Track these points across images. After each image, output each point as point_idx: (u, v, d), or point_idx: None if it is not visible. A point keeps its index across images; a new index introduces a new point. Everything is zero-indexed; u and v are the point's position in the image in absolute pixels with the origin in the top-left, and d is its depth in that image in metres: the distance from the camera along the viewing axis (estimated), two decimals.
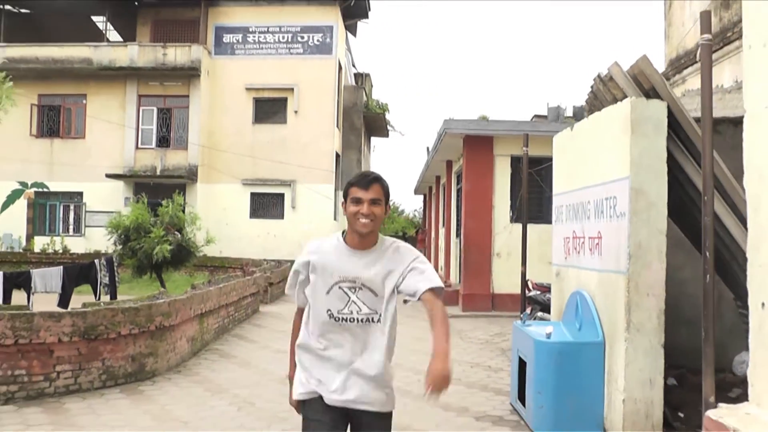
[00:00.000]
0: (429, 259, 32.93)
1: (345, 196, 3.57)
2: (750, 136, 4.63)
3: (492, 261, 17.12)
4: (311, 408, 3.54)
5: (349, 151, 37.11)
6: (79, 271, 14.25)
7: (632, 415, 6.27)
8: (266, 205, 33.20)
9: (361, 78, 42.31)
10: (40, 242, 31.74)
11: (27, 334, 7.85)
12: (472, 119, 18.46)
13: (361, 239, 3.54)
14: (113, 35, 36.53)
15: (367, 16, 37.74)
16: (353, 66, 42.82)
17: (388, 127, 41.82)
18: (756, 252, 4.48)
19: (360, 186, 3.52)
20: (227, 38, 33.50)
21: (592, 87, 7.55)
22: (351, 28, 38.58)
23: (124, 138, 32.52)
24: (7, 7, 34.04)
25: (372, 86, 44.70)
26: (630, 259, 6.30)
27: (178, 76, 32.27)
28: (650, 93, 6.57)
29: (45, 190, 33.29)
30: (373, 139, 46.12)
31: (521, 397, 7.46)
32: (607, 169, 6.89)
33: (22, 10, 34.29)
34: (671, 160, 6.51)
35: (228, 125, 32.93)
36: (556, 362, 6.79)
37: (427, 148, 30.31)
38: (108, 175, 32.01)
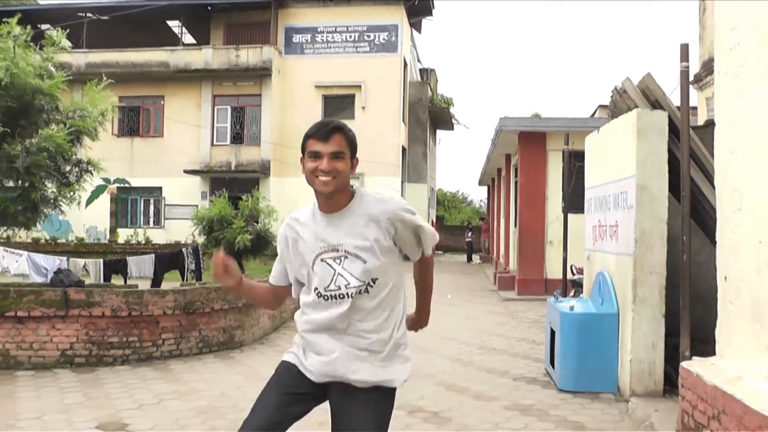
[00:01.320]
0: (492, 248, 34.21)
1: (303, 150, 3.10)
2: (718, 143, 5.90)
3: (545, 248, 18.34)
4: (284, 368, 3.29)
5: (415, 144, 38.53)
6: (168, 258, 15.98)
7: (638, 373, 7.54)
8: None
9: (426, 73, 43.63)
10: (123, 234, 33.85)
11: (138, 307, 9.52)
12: (526, 117, 19.68)
13: (328, 201, 3.10)
14: (188, 38, 38.53)
15: (431, 14, 39.02)
16: (418, 61, 44.14)
17: (453, 121, 43.07)
18: (721, 236, 5.74)
19: (318, 137, 3.05)
20: (297, 38, 35.16)
21: (611, 96, 8.82)
22: (416, 26, 39.90)
23: (200, 136, 34.47)
24: (89, 15, 36.17)
25: (437, 81, 45.96)
26: (636, 244, 7.58)
27: (250, 76, 34.07)
28: (655, 104, 7.82)
29: (127, 185, 35.47)
30: (438, 131, 47.36)
31: (552, 361, 8.79)
32: (621, 168, 8.16)
33: (102, 17, 36.44)
34: (674, 159, 7.75)
35: (298, 122, 34.51)
36: (578, 331, 8.12)
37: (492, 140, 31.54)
38: (186, 171, 34.01)
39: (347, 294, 3.09)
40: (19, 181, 10.70)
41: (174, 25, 38.13)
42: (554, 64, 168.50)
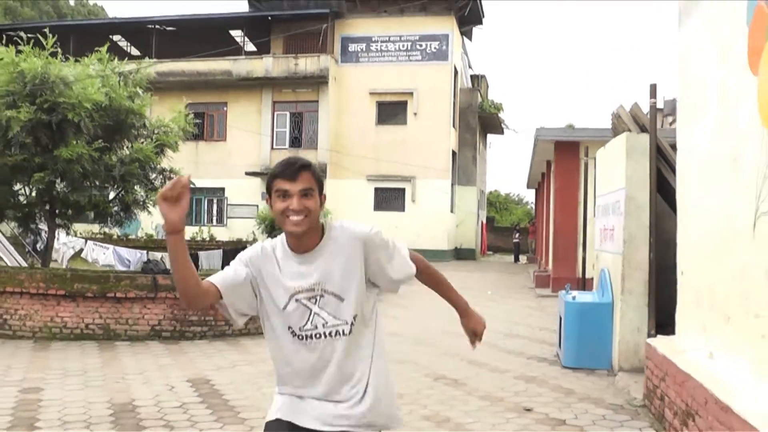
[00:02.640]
0: (538, 249, 35.63)
1: (269, 191, 2.98)
2: (678, 164, 7.48)
3: (577, 250, 19.82)
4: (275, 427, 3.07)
5: (465, 148, 40.16)
6: (234, 253, 17.88)
7: (625, 352, 9.13)
8: (388, 199, 36.58)
9: (477, 80, 45.20)
10: (189, 231, 35.96)
11: None
12: (560, 127, 21.17)
13: (300, 240, 2.96)
14: (249, 46, 40.65)
15: (481, 23, 40.63)
16: (470, 68, 45.73)
17: (503, 126, 44.55)
18: (680, 238, 7.32)
19: (285, 176, 2.90)
20: (352, 47, 37.04)
21: (611, 120, 10.40)
22: (467, 34, 41.52)
23: (260, 140, 36.58)
24: (157, 26, 38.51)
25: (488, 86, 47.50)
26: (624, 244, 9.16)
27: (308, 83, 36.06)
28: (643, 128, 9.39)
29: (192, 186, 37.52)
30: (489, 135, 48.82)
31: (560, 344, 10.40)
32: (616, 181, 9.74)
33: (168, 28, 38.68)
34: (660, 173, 9.30)
35: (353, 126, 36.48)
36: (578, 317, 9.74)
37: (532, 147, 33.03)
38: (247, 173, 36.12)
39: (324, 333, 2.97)
40: (115, 187, 12.72)
41: (237, 34, 40.26)
42: (604, 65, 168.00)
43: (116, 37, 42.92)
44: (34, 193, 13.04)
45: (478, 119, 41.31)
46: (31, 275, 11.57)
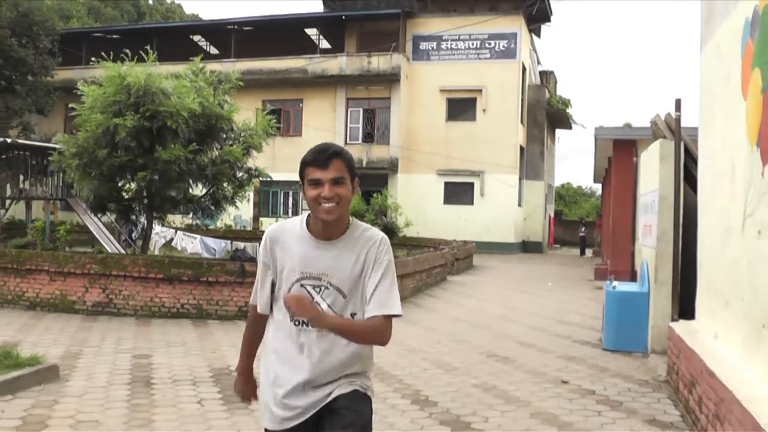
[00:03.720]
0: (603, 242, 36.39)
1: (301, 177, 2.99)
2: (699, 171, 8.57)
3: (631, 244, 20.72)
4: None
5: (533, 143, 41.07)
6: None
7: (657, 336, 10.23)
8: (458, 192, 37.75)
9: (546, 76, 45.97)
10: (266, 222, 37.77)
11: None
12: (618, 126, 22.01)
13: (326, 228, 3.00)
14: (323, 44, 42.17)
15: (549, 20, 41.38)
16: (538, 64, 46.50)
17: (570, 121, 45.25)
18: (700, 234, 8.42)
19: (317, 164, 2.92)
20: (423, 46, 38.27)
21: (651, 126, 11.47)
22: (535, 31, 42.36)
23: (334, 135, 38.02)
24: (236, 27, 40.31)
25: (556, 82, 48.20)
26: (657, 240, 10.26)
27: (380, 81, 37.40)
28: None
29: (269, 179, 39.40)
30: (558, 130, 49.52)
31: (602, 329, 11.54)
32: (653, 182, 10.83)
33: (246, 28, 40.43)
34: (693, 176, 10.35)
35: (424, 122, 37.74)
36: (617, 304, 10.87)
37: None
38: None
39: None
40: (207, 184, 14.30)
41: (312, 33, 41.81)
42: (673, 59, 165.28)
43: (196, 38, 45.05)
44: (134, 189, 14.71)
45: (546, 115, 42.14)
46: (134, 261, 13.21)
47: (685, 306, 9.55)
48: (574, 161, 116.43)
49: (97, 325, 12.04)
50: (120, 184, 14.95)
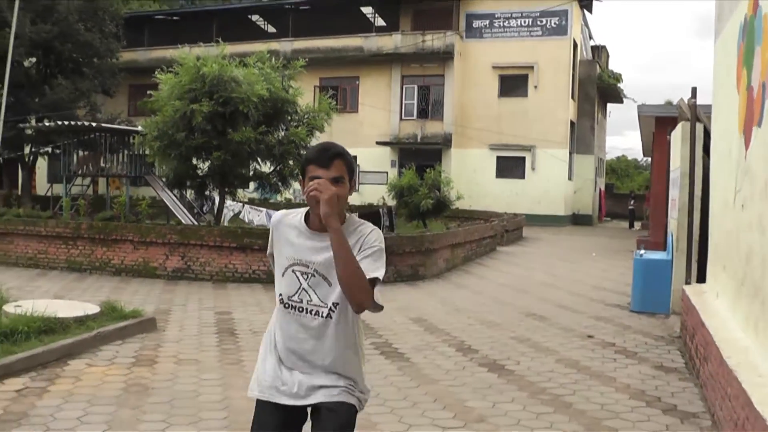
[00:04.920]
0: (650, 216, 37.15)
1: (302, 174, 3.10)
2: (711, 151, 9.69)
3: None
4: (262, 408, 3.27)
5: (583, 118, 41.85)
6: (369, 216, 20.75)
7: (677, 299, 11.40)
8: (509, 167, 38.77)
9: (597, 51, 46.57)
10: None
11: None
12: (659, 104, 23.00)
13: (321, 222, 3.03)
14: (378, 21, 43.21)
15: None
16: (590, 38, 47.06)
17: (622, 95, 45.80)
18: (711, 207, 9.57)
19: (319, 164, 3.02)
20: (476, 24, 39.20)
21: (677, 108, 12.56)
22: (587, 7, 42.88)
23: (390, 111, 39.31)
24: (292, 6, 41.59)
25: (608, 56, 48.76)
26: (678, 212, 11.41)
27: (435, 58, 38.47)
28: (698, 117, 11.56)
29: None
30: (609, 105, 50.04)
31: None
32: (678, 160, 11.95)
33: (303, 7, 41.70)
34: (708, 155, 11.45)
35: (477, 98, 38.77)
36: (643, 271, 12.06)
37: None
38: (377, 143, 38.98)
39: (307, 310, 3.15)
40: (274, 162, 15.80)
41: (367, 11, 42.95)
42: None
43: (254, 17, 46.53)
44: (208, 168, 16.28)
45: (597, 89, 42.82)
46: (210, 231, 14.77)
47: (704, 272, 10.74)
48: (631, 135, 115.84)
49: (178, 288, 13.63)
50: (195, 163, 16.51)
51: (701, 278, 10.32)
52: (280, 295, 3.21)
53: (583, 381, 7.60)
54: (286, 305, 3.19)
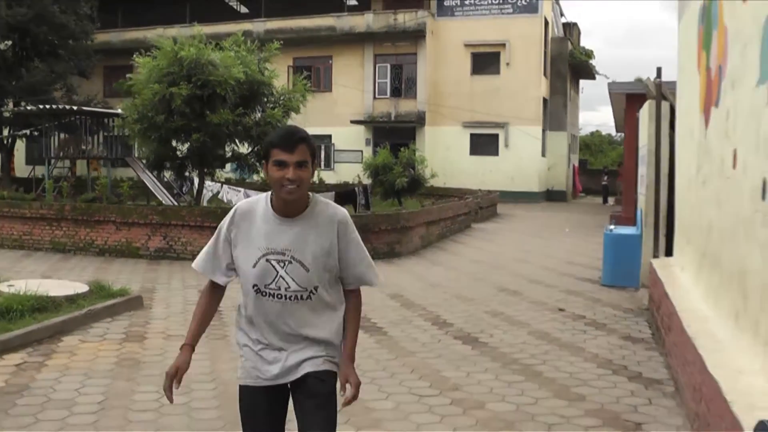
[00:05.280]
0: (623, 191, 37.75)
1: (266, 157, 3.12)
2: (677, 128, 10.09)
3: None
4: (249, 394, 3.33)
5: (556, 95, 42.29)
6: (345, 195, 21.08)
7: (645, 273, 11.83)
8: (483, 144, 39.14)
9: (569, 28, 46.96)
10: None
11: None
12: (629, 82, 23.35)
13: (287, 206, 3.14)
14: (351, 1, 43.26)
15: None
16: (562, 15, 47.42)
17: (594, 72, 46.29)
18: (677, 182, 9.97)
19: (284, 148, 3.05)
20: (448, 2, 39.44)
21: (645, 86, 12.96)
22: None
23: (363, 90, 39.50)
24: None
25: (579, 33, 49.20)
26: (646, 188, 11.83)
27: (407, 37, 38.63)
28: (664, 96, 11.96)
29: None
30: (582, 81, 50.52)
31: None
32: (644, 138, 12.36)
33: None
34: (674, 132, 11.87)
35: (449, 76, 39.05)
36: (614, 245, 12.50)
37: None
38: (352, 121, 39.21)
39: (285, 296, 3.18)
40: (252, 143, 16.08)
41: None
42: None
43: None
44: (186, 149, 16.54)
45: (569, 66, 43.23)
46: (191, 212, 15.06)
47: (672, 246, 11.19)
48: (604, 110, 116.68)
49: (161, 267, 13.92)
50: (175, 145, 16.76)
51: (670, 253, 10.75)
52: (255, 285, 3.20)
53: (553, 351, 8.00)
54: (264, 293, 3.21)
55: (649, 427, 5.70)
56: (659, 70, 10.94)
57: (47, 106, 24.06)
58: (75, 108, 22.17)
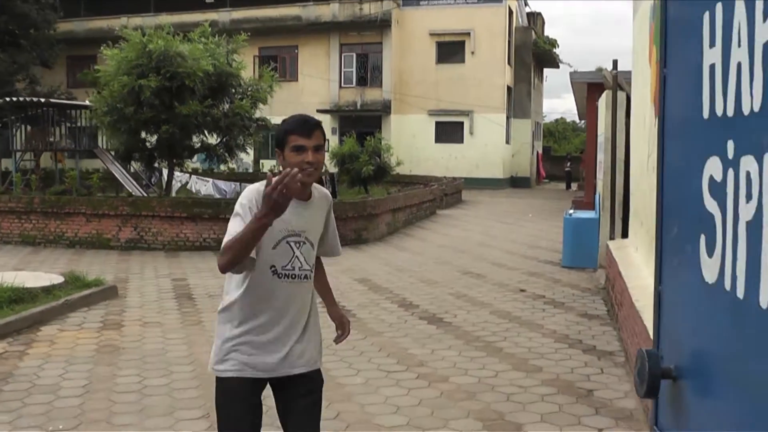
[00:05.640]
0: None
1: (281, 144, 3.19)
2: (632, 117, 10.53)
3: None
4: (238, 386, 3.28)
5: (520, 84, 42.83)
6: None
7: (602, 255, 12.31)
8: (448, 131, 39.61)
9: (533, 17, 47.49)
10: (267, 164, 39.68)
11: None
12: (590, 71, 23.88)
13: (304, 190, 3.24)
14: None
15: None
16: (526, 5, 47.93)
17: (558, 60, 46.90)
18: (632, 168, 10.43)
19: (302, 133, 3.16)
20: None
21: (602, 78, 13.41)
22: None
23: (329, 79, 39.76)
24: None
25: (543, 22, 49.76)
26: (604, 174, 12.29)
27: (372, 26, 38.93)
28: (621, 86, 12.42)
29: (266, 122, 41.28)
30: (546, 70, 51.12)
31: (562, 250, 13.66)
32: (602, 126, 12.83)
33: None
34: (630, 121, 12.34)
35: (415, 65, 39.43)
36: (573, 229, 12.98)
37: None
38: (318, 110, 39.29)
39: (299, 276, 3.27)
40: (221, 134, 16.37)
41: None
42: None
43: None
44: (155, 140, 16.79)
45: (533, 55, 43.79)
46: (161, 202, 15.30)
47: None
48: (568, 97, 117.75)
49: (132, 258, 14.17)
50: (144, 136, 16.99)
51: (626, 235, 11.20)
52: (273, 266, 3.21)
53: (513, 329, 8.44)
54: (280, 275, 3.23)
55: (600, 393, 6.14)
56: (615, 62, 11.41)
57: (13, 99, 24.13)
58: (42, 100, 22.23)
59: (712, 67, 1.54)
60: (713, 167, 1.51)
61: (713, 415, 1.58)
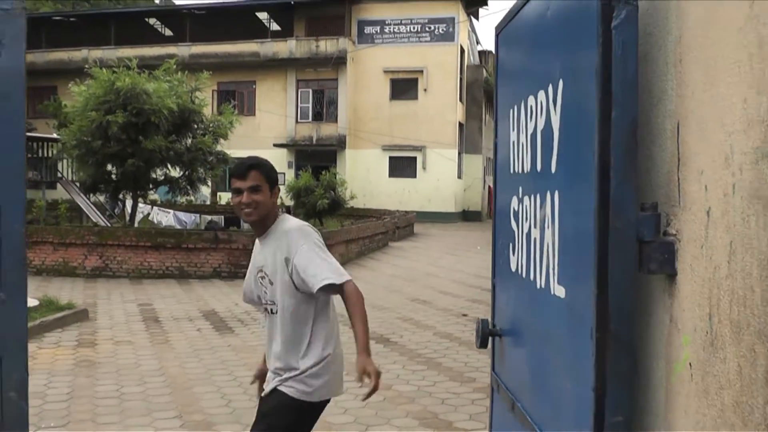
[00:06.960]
0: None
1: (230, 187, 3.43)
2: None
3: None
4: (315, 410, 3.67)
5: (472, 120, 44.21)
6: None
7: None
8: (402, 166, 40.67)
9: (484, 55, 49.03)
10: (223, 197, 40.36)
11: None
12: None
13: (256, 228, 3.46)
14: (274, 26, 44.53)
15: (486, 3, 44.35)
16: (478, 44, 49.54)
17: None
18: None
19: (237, 176, 3.35)
20: (368, 30, 40.96)
21: None
22: (474, 14, 45.26)
23: (286, 114, 40.72)
24: (191, 11, 42.61)
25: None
26: None
27: (328, 63, 39.90)
28: None
29: (225, 157, 42.04)
30: None
31: None
32: None
33: (199, 12, 42.63)
34: None
35: (369, 101, 40.55)
36: None
37: None
38: (275, 144, 40.27)
39: (268, 309, 3.50)
40: (183, 168, 17.25)
41: (263, 17, 44.22)
42: None
43: (152, 21, 47.16)
44: (121, 173, 17.62)
45: (484, 92, 45.12)
46: (126, 232, 16.10)
47: None
48: None
49: (98, 285, 14.92)
50: (109, 169, 17.82)
51: None
52: (259, 297, 3.54)
53: (453, 347, 9.41)
54: (264, 308, 3.55)
55: None
56: None
57: None
58: None
59: (514, 143, 2.55)
60: (514, 202, 2.53)
61: (518, 357, 2.61)
